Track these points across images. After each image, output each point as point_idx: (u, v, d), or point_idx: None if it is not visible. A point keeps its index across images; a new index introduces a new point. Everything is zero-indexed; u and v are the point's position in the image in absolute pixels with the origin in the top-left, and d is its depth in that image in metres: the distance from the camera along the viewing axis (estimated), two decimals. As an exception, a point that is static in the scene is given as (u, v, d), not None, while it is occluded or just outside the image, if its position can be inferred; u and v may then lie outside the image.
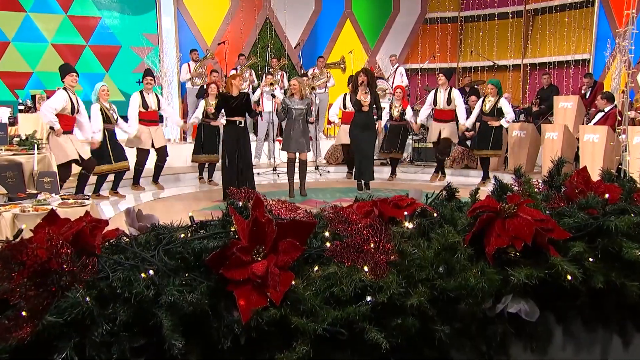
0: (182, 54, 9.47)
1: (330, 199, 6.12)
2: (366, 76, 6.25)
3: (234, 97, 5.85)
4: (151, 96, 6.61)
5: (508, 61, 10.58)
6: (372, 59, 11.17)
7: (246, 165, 5.90)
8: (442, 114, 7.12)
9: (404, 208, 1.47)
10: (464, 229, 1.36)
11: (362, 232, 1.35)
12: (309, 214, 1.54)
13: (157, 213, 5.02)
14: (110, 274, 1.09)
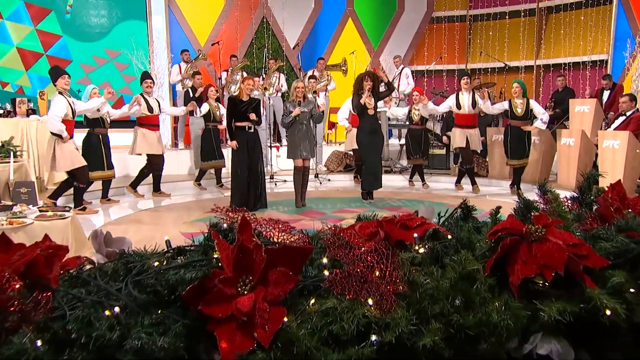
0: (174, 55, 9.41)
1: (331, 209, 6.02)
2: (372, 81, 6.16)
3: (244, 102, 5.80)
4: (152, 99, 6.70)
5: (520, 62, 10.51)
6: (376, 61, 11.11)
7: (257, 173, 5.88)
8: (467, 118, 6.98)
9: (414, 229, 1.35)
10: (484, 254, 1.24)
11: (366, 258, 1.24)
12: (304, 236, 1.42)
13: (145, 225, 4.94)
14: (67, 312, 0.96)
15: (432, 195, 7.14)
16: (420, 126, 7.68)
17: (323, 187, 8.11)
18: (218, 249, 1.13)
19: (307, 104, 6.08)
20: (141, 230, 4.92)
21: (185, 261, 1.14)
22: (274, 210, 5.93)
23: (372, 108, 6.19)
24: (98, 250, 1.20)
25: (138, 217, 5.67)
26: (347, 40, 11.11)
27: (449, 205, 5.96)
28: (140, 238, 4.63)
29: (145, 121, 6.63)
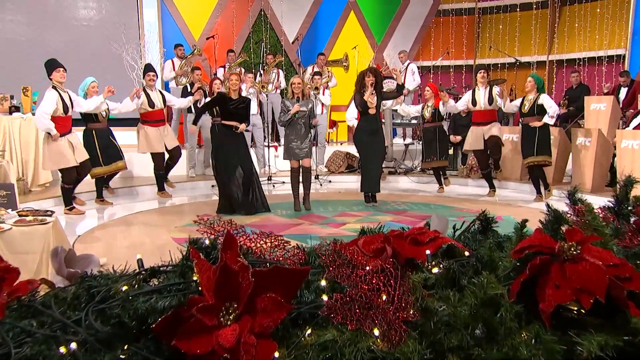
0: (167, 49, 9.31)
1: (332, 212, 5.92)
2: (375, 77, 6.04)
3: (233, 100, 5.73)
4: (155, 93, 6.63)
5: (532, 57, 10.39)
6: (379, 56, 11.00)
7: (248, 174, 5.81)
8: (484, 115, 6.82)
9: (426, 245, 1.23)
10: (508, 275, 1.12)
11: (371, 279, 1.11)
12: (300, 252, 1.29)
13: (135, 229, 4.82)
14: (12, 349, 0.83)
15: (441, 198, 7.02)
16: (433, 123, 7.36)
17: (324, 188, 8.02)
18: (197, 270, 1.01)
19: (306, 102, 5.98)
20: (130, 235, 4.82)
21: (159, 285, 1.01)
22: (272, 214, 5.84)
23: (373, 107, 6.07)
24: (58, 271, 1.07)
25: (129, 220, 5.58)
26: (349, 35, 11.00)
27: (458, 209, 5.87)
28: (128, 243, 4.56)
29: (148, 117, 6.57)
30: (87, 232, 4.91)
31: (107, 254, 4.06)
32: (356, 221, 5.41)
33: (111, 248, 4.34)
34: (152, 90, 6.61)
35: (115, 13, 9.18)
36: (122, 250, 4.25)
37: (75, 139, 5.68)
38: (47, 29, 8.87)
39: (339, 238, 3.03)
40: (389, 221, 5.36)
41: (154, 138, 6.55)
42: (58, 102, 5.36)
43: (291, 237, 4.66)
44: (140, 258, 1.06)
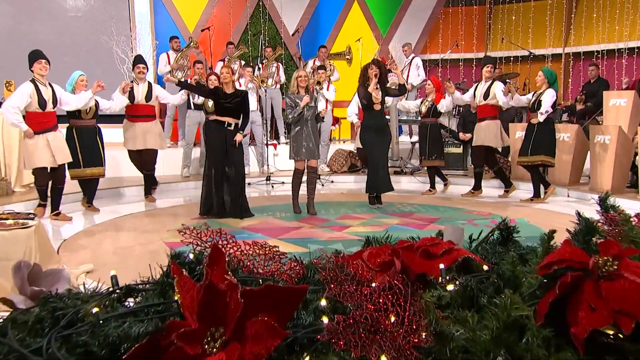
0: (159, 42, 9.23)
1: (334, 215, 5.85)
2: (379, 68, 5.95)
3: (227, 94, 5.64)
4: (141, 87, 6.47)
5: (546, 50, 10.29)
6: (384, 48, 10.92)
7: (236, 175, 5.68)
8: (481, 110, 6.81)
9: (439, 258, 1.14)
10: (534, 294, 1.03)
11: (378, 298, 1.02)
12: (298, 265, 1.21)
13: (124, 233, 4.75)
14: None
15: (450, 199, 6.94)
16: (427, 119, 7.29)
17: (325, 189, 7.95)
18: (179, 289, 0.92)
19: (312, 96, 5.91)
20: (119, 239, 4.75)
21: (135, 306, 0.92)
22: (269, 216, 5.78)
23: (378, 103, 5.98)
24: (20, 290, 0.99)
25: (117, 223, 5.51)
26: (353, 26, 10.93)
27: (468, 212, 5.77)
28: (117, 249, 4.49)
29: (131, 112, 6.45)
30: (72, 237, 4.84)
31: (93, 260, 3.98)
32: (360, 224, 5.34)
33: (98, 254, 4.27)
34: (141, 83, 6.49)
35: (105, 3, 9.12)
36: (110, 257, 4.17)
37: (58, 138, 5.45)
38: (33, 20, 8.81)
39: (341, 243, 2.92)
40: (395, 224, 5.29)
41: (134, 134, 6.42)
42: (33, 96, 5.16)
43: (290, 241, 4.65)
44: (115, 275, 0.97)
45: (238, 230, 5.12)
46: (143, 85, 6.53)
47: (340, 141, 10.54)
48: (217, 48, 9.56)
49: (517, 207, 6.33)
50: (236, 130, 5.70)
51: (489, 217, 5.63)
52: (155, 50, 9.21)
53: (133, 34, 9.07)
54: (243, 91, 5.91)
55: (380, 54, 10.66)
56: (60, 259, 3.74)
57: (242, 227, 5.22)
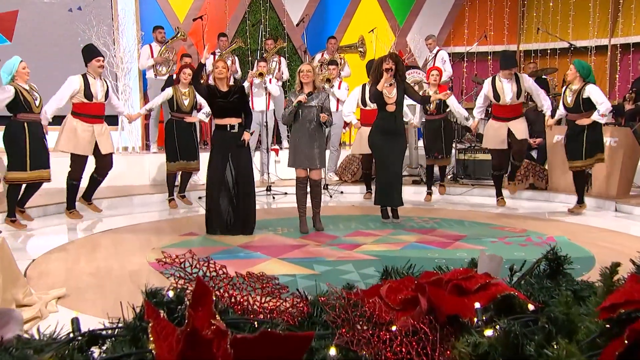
0: (145, 32, 9.26)
1: (343, 231, 5.80)
2: (394, 62, 5.89)
3: (224, 92, 5.60)
4: (98, 83, 6.31)
5: (589, 41, 10.21)
6: (402, 41, 10.90)
7: (245, 188, 5.67)
8: (510, 110, 6.77)
9: (474, 295, 1.07)
10: (593, 342, 0.95)
11: (399, 346, 0.95)
12: (301, 301, 1.14)
13: (102, 252, 4.77)
14: None
15: (475, 213, 6.86)
16: (437, 115, 7.50)
17: (334, 201, 7.92)
18: (154, 336, 0.85)
19: (317, 96, 5.76)
20: (95, 259, 4.70)
21: (101, 357, 0.85)
22: (270, 232, 5.74)
23: (392, 103, 5.93)
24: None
25: (93, 241, 5.47)
26: (365, 15, 10.93)
27: (498, 228, 5.68)
28: (94, 269, 4.43)
29: (82, 110, 6.21)
30: (42, 257, 4.79)
31: (66, 282, 3.93)
32: (373, 242, 5.28)
33: (72, 275, 4.22)
34: (95, 78, 6.25)
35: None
36: (85, 279, 4.12)
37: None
38: (0, 6, 8.85)
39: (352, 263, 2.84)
40: (414, 242, 5.24)
41: (82, 137, 6.18)
42: None
43: (294, 261, 4.59)
44: (76, 317, 0.90)
45: (234, 248, 5.07)
46: (100, 81, 6.32)
47: (350, 146, 10.49)
48: (211, 40, 9.56)
49: (555, 222, 6.24)
50: (242, 131, 5.67)
51: (523, 234, 5.55)
52: (141, 42, 9.23)
53: (115, 23, 9.09)
54: (239, 86, 5.88)
55: (397, 46, 10.64)
56: (27, 283, 3.68)
57: (239, 245, 5.17)
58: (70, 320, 0.90)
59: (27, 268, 4.38)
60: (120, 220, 6.51)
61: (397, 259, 4.59)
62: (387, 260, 4.58)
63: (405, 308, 1.07)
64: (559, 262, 1.19)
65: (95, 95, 6.23)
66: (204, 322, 0.87)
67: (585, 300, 1.05)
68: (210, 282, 1.08)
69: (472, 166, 8.58)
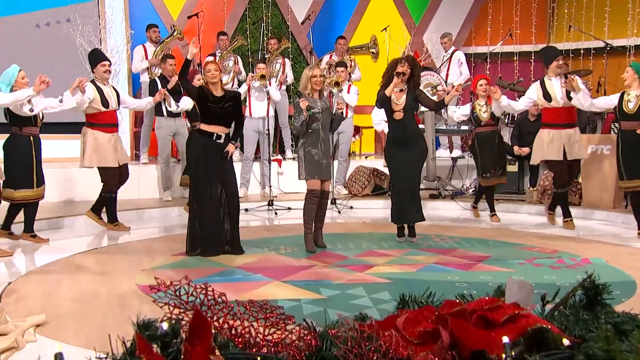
0: (135, 31, 9.32)
1: (354, 251, 5.81)
2: (410, 67, 5.91)
3: (217, 97, 5.62)
4: (109, 89, 6.60)
5: (627, 40, 10.16)
6: (418, 40, 10.93)
7: (232, 199, 5.70)
8: (561, 113, 6.66)
9: (502, 327, 1.06)
10: (636, 382, 0.94)
11: (419, 385, 0.94)
12: (309, 334, 1.13)
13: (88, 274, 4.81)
14: None
15: (501, 231, 6.86)
16: (492, 127, 7.33)
17: (343, 217, 7.91)
18: (147, 374, 0.85)
19: (326, 100, 5.90)
20: (80, 283, 4.71)
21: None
22: (272, 252, 5.76)
23: (400, 110, 5.95)
24: None
25: (79, 261, 5.48)
26: (378, 12, 10.98)
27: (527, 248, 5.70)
28: (77, 294, 4.43)
29: (99, 120, 6.48)
30: (19, 280, 4.79)
31: (46, 309, 3.93)
32: (387, 263, 5.28)
33: (53, 300, 4.22)
34: (105, 84, 6.53)
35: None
36: (67, 305, 4.11)
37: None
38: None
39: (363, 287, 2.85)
40: (432, 263, 5.23)
41: (106, 147, 6.44)
42: None
43: (298, 284, 4.59)
44: (60, 353, 0.90)
45: (232, 270, 5.09)
46: (110, 87, 6.64)
47: (361, 156, 10.51)
48: (207, 39, 9.63)
49: (590, 242, 6.20)
50: (226, 142, 5.69)
51: (554, 255, 5.52)
52: (130, 42, 9.29)
53: (102, 21, 9.16)
54: (235, 92, 5.91)
55: (412, 46, 10.68)
56: (3, 309, 3.69)
57: (238, 267, 5.18)
58: (53, 356, 0.90)
59: (2, 292, 4.39)
60: (107, 238, 6.53)
61: (413, 282, 4.58)
62: (401, 284, 4.57)
63: (425, 342, 1.06)
64: (596, 291, 1.18)
65: (110, 103, 6.55)
66: (202, 358, 0.87)
67: (627, 335, 1.04)
68: (208, 312, 1.08)
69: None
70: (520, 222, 7.38)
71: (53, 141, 7.71)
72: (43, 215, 6.66)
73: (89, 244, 6.27)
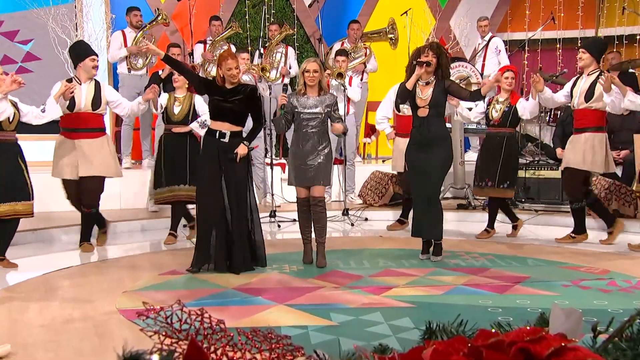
0: (116, 15, 9.41)
1: (369, 269, 5.82)
2: (435, 55, 5.91)
3: (224, 89, 5.67)
4: (85, 87, 6.51)
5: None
6: (443, 25, 10.98)
7: (240, 213, 5.72)
8: (581, 115, 6.75)
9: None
10: None
11: None
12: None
13: (60, 297, 4.75)
14: None
15: (542, 247, 6.86)
16: (500, 128, 7.23)
17: (357, 230, 7.95)
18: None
19: (324, 99, 5.91)
20: (50, 306, 4.73)
21: None
22: (275, 270, 5.79)
23: (424, 106, 5.97)
24: None
25: (48, 282, 5.49)
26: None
27: (572, 268, 5.68)
28: (48, 320, 4.44)
29: (64, 123, 6.50)
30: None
31: (11, 338, 3.94)
32: (408, 284, 5.28)
33: (19, 328, 4.23)
34: (81, 82, 6.51)
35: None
36: (36, 333, 4.12)
37: None
38: None
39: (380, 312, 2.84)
40: (460, 285, 5.22)
41: (65, 155, 6.50)
42: None
43: (305, 308, 4.59)
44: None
45: (228, 291, 5.09)
46: (88, 85, 6.55)
47: (377, 159, 10.52)
48: (199, 25, 9.69)
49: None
50: (235, 142, 5.69)
51: (605, 276, 5.50)
52: (111, 28, 9.37)
53: (78, 4, 9.24)
54: (250, 86, 5.96)
55: (437, 32, 10.68)
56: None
57: (235, 288, 5.18)
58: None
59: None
60: (84, 255, 6.55)
61: (439, 307, 4.58)
62: (425, 309, 4.57)
63: (456, 379, 1.07)
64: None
65: (77, 104, 6.46)
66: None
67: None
68: (204, 342, 1.08)
69: (536, 186, 8.53)
70: (560, 236, 7.31)
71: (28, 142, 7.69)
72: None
73: (62, 262, 6.28)
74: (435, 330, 1.23)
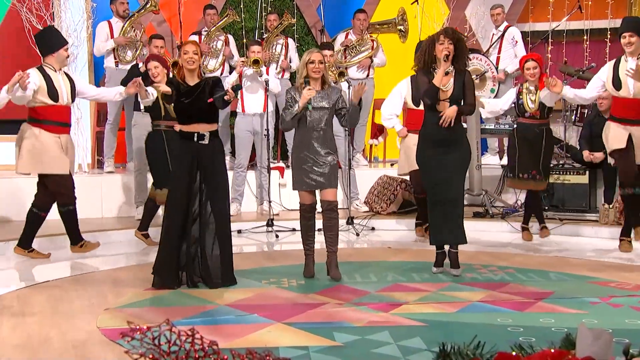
0: (97, 3, 9.42)
1: (376, 284, 5.83)
2: (452, 42, 5.89)
3: (188, 88, 5.69)
4: (60, 77, 6.54)
5: None
6: (458, 15, 10.98)
7: (221, 218, 5.74)
8: (633, 106, 6.66)
9: (573, 388, 1.06)
10: None
11: None
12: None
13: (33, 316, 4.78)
14: None
15: (567, 260, 6.85)
16: (538, 120, 7.38)
17: (363, 240, 7.97)
18: None
19: (329, 94, 5.92)
20: (25, 324, 4.74)
21: None
22: (272, 285, 5.80)
23: (446, 99, 5.96)
24: None
25: (23, 298, 5.51)
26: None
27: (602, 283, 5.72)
28: (24, 339, 4.44)
29: (44, 115, 6.48)
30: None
31: (-17, 358, 3.97)
32: (419, 300, 5.28)
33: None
34: (58, 71, 6.53)
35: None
36: (9, 352, 4.14)
37: None
38: None
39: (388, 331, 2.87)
40: (477, 301, 5.22)
41: (51, 150, 6.44)
42: None
43: (305, 327, 4.59)
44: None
45: (220, 308, 5.11)
46: (62, 75, 6.59)
47: (385, 163, 10.52)
48: (191, 15, 9.70)
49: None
50: (215, 141, 5.77)
51: (638, 292, 5.49)
52: (92, 19, 9.38)
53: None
54: (213, 77, 6.00)
55: (451, 23, 10.66)
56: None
57: (229, 304, 5.19)
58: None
59: None
60: (64, 267, 6.59)
61: (454, 326, 4.58)
62: (438, 328, 4.58)
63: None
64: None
65: (60, 95, 6.49)
66: None
67: None
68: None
69: (561, 192, 8.54)
70: (591, 249, 7.36)
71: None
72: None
73: (38, 276, 6.29)
74: (450, 352, 1.24)
